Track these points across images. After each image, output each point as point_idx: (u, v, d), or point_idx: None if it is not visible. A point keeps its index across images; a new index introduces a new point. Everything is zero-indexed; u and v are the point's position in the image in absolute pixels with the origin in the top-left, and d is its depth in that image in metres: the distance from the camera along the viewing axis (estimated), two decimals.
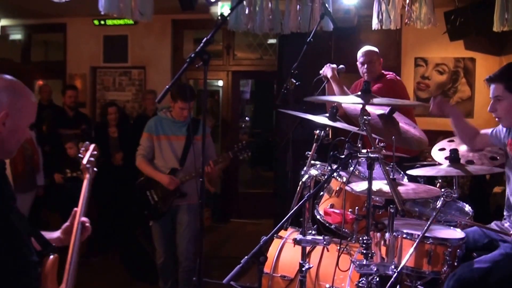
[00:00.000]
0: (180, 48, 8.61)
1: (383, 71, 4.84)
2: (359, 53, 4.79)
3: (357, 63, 4.81)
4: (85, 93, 8.65)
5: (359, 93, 2.88)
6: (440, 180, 3.50)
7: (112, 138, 6.65)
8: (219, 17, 2.77)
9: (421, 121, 4.49)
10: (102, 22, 8.47)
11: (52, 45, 10.15)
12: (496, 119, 3.10)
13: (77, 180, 6.01)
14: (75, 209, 2.48)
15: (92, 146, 2.85)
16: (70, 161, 6.06)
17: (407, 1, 5.22)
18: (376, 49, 4.82)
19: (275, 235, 3.19)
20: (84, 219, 2.47)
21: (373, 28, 5.37)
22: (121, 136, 6.67)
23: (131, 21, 7.95)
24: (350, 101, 3.27)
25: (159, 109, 4.92)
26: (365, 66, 4.72)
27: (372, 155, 2.66)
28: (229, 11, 4.91)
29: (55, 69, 9.01)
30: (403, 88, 4.90)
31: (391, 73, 4.88)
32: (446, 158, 3.36)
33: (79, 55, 8.73)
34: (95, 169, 2.79)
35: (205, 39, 2.48)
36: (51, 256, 2.19)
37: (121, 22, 8.32)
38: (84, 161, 2.77)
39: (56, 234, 2.45)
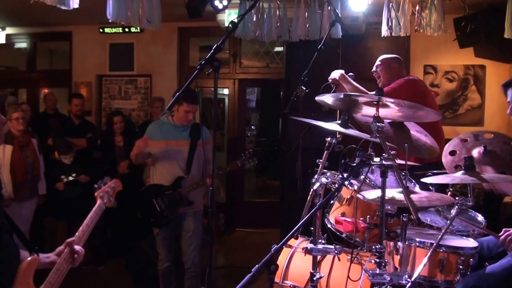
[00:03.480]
0: (186, 55, 8.59)
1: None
2: None
3: None
4: (91, 101, 8.63)
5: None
6: (451, 189, 3.43)
7: (118, 147, 6.63)
8: (230, 25, 2.72)
9: None
10: (108, 30, 8.47)
11: (57, 53, 10.17)
12: None
13: (74, 183, 6.02)
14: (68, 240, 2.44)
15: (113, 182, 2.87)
16: (63, 167, 6.05)
17: (417, 7, 5.20)
18: (385, 57, 4.67)
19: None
20: (78, 248, 2.43)
21: (382, 35, 5.35)
22: (127, 144, 6.64)
23: (137, 29, 7.96)
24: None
25: (161, 113, 4.90)
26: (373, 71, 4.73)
27: (386, 163, 2.60)
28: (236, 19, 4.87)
29: (61, 78, 9.00)
30: (417, 87, 4.54)
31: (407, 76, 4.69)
32: (455, 166, 3.28)
33: (84, 63, 8.71)
34: (111, 199, 2.79)
35: (215, 45, 2.44)
36: (29, 258, 2.20)
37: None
38: (96, 192, 2.77)
39: (51, 256, 2.41)
